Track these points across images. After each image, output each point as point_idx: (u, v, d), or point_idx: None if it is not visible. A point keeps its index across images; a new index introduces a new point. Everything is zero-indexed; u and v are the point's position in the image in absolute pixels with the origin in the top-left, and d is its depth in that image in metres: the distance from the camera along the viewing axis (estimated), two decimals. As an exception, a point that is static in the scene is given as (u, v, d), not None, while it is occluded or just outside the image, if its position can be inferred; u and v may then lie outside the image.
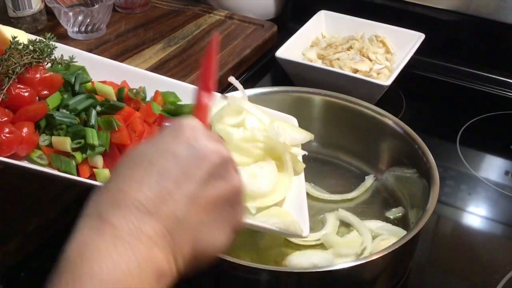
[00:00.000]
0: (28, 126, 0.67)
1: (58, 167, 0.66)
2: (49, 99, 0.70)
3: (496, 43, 1.20)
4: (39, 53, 0.70)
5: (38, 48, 0.70)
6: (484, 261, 0.80)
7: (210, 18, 1.28)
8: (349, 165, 0.91)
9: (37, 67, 0.70)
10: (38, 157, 0.67)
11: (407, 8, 1.24)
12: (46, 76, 0.70)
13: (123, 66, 0.82)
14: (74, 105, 0.70)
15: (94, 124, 0.69)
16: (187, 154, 0.49)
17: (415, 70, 1.17)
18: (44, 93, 0.70)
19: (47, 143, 0.68)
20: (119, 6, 1.29)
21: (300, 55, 1.13)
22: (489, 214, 0.89)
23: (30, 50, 0.70)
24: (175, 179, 0.47)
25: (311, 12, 1.21)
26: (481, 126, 1.06)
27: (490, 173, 0.96)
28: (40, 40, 0.72)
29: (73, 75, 0.73)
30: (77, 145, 0.67)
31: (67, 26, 1.17)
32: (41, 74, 0.70)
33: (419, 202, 0.77)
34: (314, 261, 0.72)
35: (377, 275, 0.71)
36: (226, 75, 1.10)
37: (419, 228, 0.68)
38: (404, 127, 0.85)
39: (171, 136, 0.50)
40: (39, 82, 0.69)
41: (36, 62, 0.69)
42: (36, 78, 0.69)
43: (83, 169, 0.67)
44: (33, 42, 0.71)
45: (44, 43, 0.71)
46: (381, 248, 0.69)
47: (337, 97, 0.91)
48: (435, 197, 0.72)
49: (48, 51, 0.71)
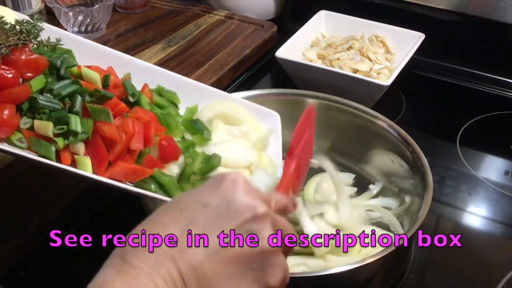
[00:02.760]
0: (9, 108, 0.65)
1: (37, 151, 0.65)
2: (32, 81, 0.68)
3: (496, 43, 1.20)
4: (25, 35, 0.68)
5: (25, 29, 0.68)
6: (484, 261, 0.80)
7: (210, 18, 1.28)
8: (345, 169, 0.91)
9: (23, 49, 0.68)
10: (17, 140, 0.66)
11: (407, 8, 1.24)
12: (31, 58, 0.68)
13: (111, 51, 0.80)
14: (59, 90, 0.68)
15: (78, 111, 0.67)
16: (218, 205, 0.49)
17: (415, 70, 1.17)
18: (28, 75, 0.68)
19: (28, 126, 0.66)
20: (119, 6, 1.29)
21: (300, 55, 1.13)
22: (489, 214, 0.89)
23: (16, 31, 0.68)
24: (201, 229, 0.48)
25: (311, 12, 1.21)
26: (481, 126, 1.06)
27: (490, 173, 0.96)
28: (28, 21, 0.69)
29: (59, 58, 0.71)
30: (59, 131, 0.66)
31: (67, 26, 1.17)
32: (26, 56, 0.68)
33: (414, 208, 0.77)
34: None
35: (371, 277, 0.71)
36: (226, 75, 1.10)
37: (410, 233, 0.68)
38: (399, 130, 0.84)
39: (209, 187, 0.51)
40: (24, 64, 0.67)
41: (22, 43, 0.67)
42: (21, 59, 0.67)
43: (64, 156, 0.66)
44: (20, 22, 0.69)
45: (31, 24, 0.69)
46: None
47: (333, 100, 0.90)
48: (427, 203, 0.72)
49: (35, 33, 0.69)
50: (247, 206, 0.50)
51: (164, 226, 0.48)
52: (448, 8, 1.20)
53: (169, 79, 0.80)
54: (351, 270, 0.65)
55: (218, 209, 0.49)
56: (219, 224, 0.48)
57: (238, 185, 0.51)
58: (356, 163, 0.91)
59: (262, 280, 0.49)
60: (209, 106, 0.79)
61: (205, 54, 1.15)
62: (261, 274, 0.49)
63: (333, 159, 0.92)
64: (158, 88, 0.78)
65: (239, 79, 1.15)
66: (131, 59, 0.80)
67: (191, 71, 1.09)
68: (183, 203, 0.50)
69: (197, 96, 0.80)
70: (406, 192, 0.82)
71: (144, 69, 0.80)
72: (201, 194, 0.51)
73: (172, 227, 0.48)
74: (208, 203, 0.50)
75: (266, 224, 0.50)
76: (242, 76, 1.15)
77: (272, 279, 0.50)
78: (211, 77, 1.07)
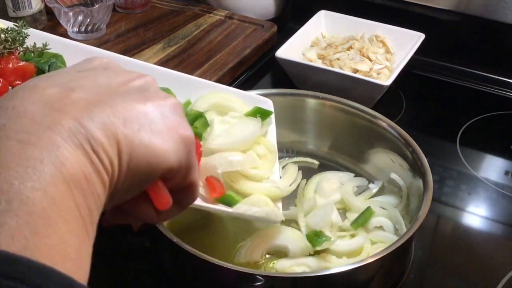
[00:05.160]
0: None
1: None
2: None
3: (496, 43, 1.20)
4: (11, 43, 0.68)
5: (10, 37, 0.68)
6: (484, 261, 0.80)
7: (210, 18, 1.28)
8: (345, 169, 0.91)
9: (9, 57, 0.68)
10: None
11: (407, 8, 1.24)
12: (18, 65, 0.68)
13: (98, 51, 0.79)
14: None
15: None
16: (95, 69, 0.44)
17: (415, 70, 1.17)
18: (16, 83, 0.68)
19: None
20: (119, 6, 1.29)
21: (300, 55, 1.13)
22: (489, 214, 0.89)
23: (1, 39, 0.68)
24: (83, 85, 0.41)
25: (311, 12, 1.21)
26: (481, 126, 1.06)
27: (490, 173, 0.96)
28: (12, 29, 0.70)
29: (47, 63, 0.71)
30: None
31: (67, 26, 1.17)
32: (13, 64, 0.68)
33: (414, 208, 0.77)
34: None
35: (371, 277, 0.71)
36: (226, 75, 1.10)
37: (410, 233, 0.68)
38: (399, 130, 0.84)
39: (78, 64, 0.46)
40: (12, 72, 0.68)
41: (8, 51, 0.68)
42: (8, 68, 0.67)
43: None
44: (4, 31, 0.69)
45: (16, 31, 0.69)
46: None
47: (333, 100, 0.90)
48: (427, 204, 0.72)
49: (20, 40, 0.69)
50: (128, 70, 0.46)
51: (36, 87, 0.39)
52: (448, 8, 1.20)
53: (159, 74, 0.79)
54: (351, 270, 0.65)
55: (96, 71, 0.44)
56: (104, 81, 0.42)
57: (111, 63, 0.46)
58: (356, 163, 0.91)
59: (176, 127, 0.44)
60: (202, 97, 0.79)
61: (205, 54, 1.15)
62: (174, 121, 0.44)
63: (333, 159, 0.93)
64: None
65: (239, 79, 1.15)
66: (119, 57, 0.79)
67: (191, 71, 1.09)
68: (51, 73, 0.43)
69: (188, 89, 0.79)
70: (406, 192, 0.82)
71: (133, 66, 0.79)
72: (70, 67, 0.45)
73: (47, 87, 0.39)
74: (83, 69, 0.44)
75: (155, 83, 0.46)
76: (242, 76, 1.15)
77: (186, 128, 0.45)
78: (211, 77, 1.07)
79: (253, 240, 0.75)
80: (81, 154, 0.37)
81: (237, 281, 0.67)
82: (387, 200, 0.83)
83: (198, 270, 0.70)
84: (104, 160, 0.38)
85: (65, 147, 0.36)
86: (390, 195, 0.84)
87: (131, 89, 0.43)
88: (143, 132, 0.41)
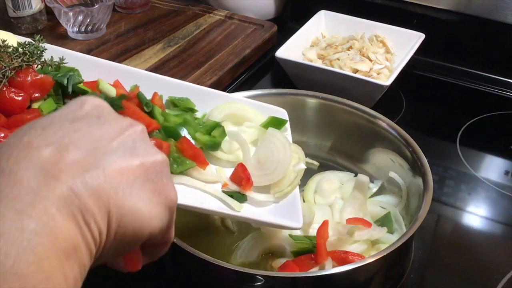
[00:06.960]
0: None
1: None
2: (42, 105, 0.69)
3: (496, 43, 1.20)
4: (29, 56, 0.69)
5: (28, 51, 0.70)
6: (484, 261, 0.80)
7: (210, 18, 1.28)
8: (345, 169, 0.91)
9: (27, 70, 0.69)
10: None
11: (407, 8, 1.24)
12: (37, 78, 0.69)
13: (114, 65, 0.80)
14: None
15: None
16: (88, 118, 0.44)
17: (415, 70, 1.17)
18: (35, 95, 0.69)
19: None
20: (119, 6, 1.29)
21: (300, 55, 1.13)
22: (489, 214, 0.89)
23: (19, 53, 0.69)
24: (76, 141, 0.41)
25: (311, 12, 1.21)
26: (481, 126, 1.06)
27: (490, 173, 0.96)
28: (30, 42, 0.71)
29: (65, 76, 0.72)
30: None
31: (67, 26, 1.17)
32: (32, 77, 0.69)
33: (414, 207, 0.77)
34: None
35: (371, 277, 0.71)
36: (226, 75, 1.10)
37: (410, 233, 0.68)
38: (399, 130, 0.84)
39: (68, 108, 0.45)
40: (30, 85, 0.69)
41: (26, 64, 0.69)
42: (27, 81, 0.68)
43: None
44: (22, 44, 0.70)
45: (34, 46, 0.71)
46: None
47: (333, 100, 0.90)
48: (427, 203, 0.72)
49: (38, 54, 0.71)
50: (119, 118, 0.46)
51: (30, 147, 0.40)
52: (448, 8, 1.20)
53: (173, 86, 0.80)
54: (351, 270, 0.65)
55: (89, 121, 0.44)
56: (96, 134, 0.43)
57: (105, 109, 0.46)
58: (356, 163, 0.91)
59: (162, 190, 0.45)
60: (217, 108, 0.79)
61: (205, 54, 1.15)
62: (160, 185, 0.45)
63: (333, 159, 0.92)
64: (170, 99, 0.78)
65: (239, 79, 1.15)
66: (134, 71, 0.80)
67: (191, 71, 1.09)
68: (44, 122, 0.42)
69: (202, 100, 0.79)
70: (405, 192, 0.82)
71: (150, 79, 0.79)
72: (62, 114, 0.44)
73: (41, 147, 0.40)
74: (76, 117, 0.44)
75: (145, 134, 0.46)
76: (242, 76, 1.15)
77: (171, 191, 0.47)
78: (211, 77, 1.07)
79: (249, 240, 0.75)
80: (73, 226, 0.39)
81: (237, 281, 0.68)
82: (387, 199, 0.83)
83: (198, 270, 0.70)
84: (94, 231, 0.40)
85: (59, 219, 0.38)
86: (390, 195, 0.84)
87: (123, 145, 0.44)
88: (132, 199, 0.43)
